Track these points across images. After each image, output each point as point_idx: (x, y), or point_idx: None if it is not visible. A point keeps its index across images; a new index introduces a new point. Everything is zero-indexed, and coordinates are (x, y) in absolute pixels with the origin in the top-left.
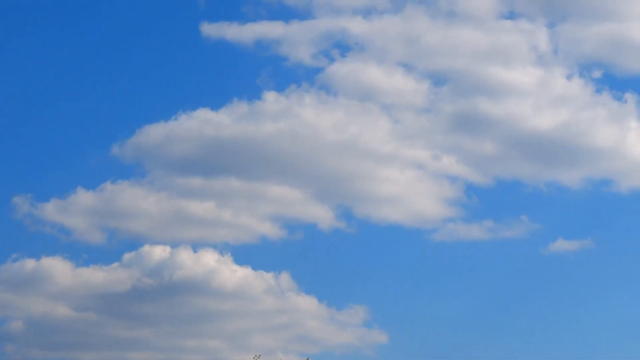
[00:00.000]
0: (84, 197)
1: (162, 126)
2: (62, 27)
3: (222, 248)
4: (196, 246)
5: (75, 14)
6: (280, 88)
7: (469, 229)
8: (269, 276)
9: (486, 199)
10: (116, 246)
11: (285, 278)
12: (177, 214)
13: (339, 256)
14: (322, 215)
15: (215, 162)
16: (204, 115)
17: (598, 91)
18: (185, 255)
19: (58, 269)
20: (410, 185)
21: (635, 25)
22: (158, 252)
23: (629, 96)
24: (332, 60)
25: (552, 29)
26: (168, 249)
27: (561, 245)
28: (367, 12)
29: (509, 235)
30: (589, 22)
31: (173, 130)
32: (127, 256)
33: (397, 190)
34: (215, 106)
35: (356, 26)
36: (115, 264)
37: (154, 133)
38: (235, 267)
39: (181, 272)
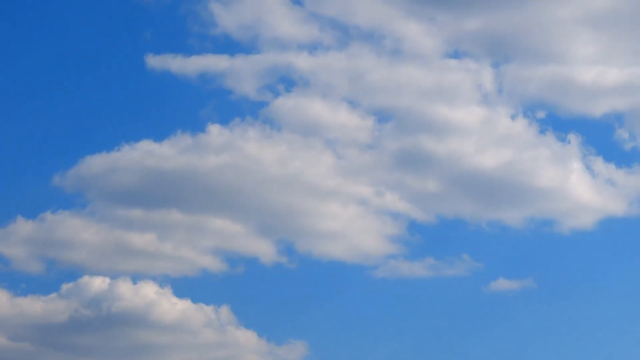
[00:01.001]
0: (23, 227)
1: (104, 157)
2: (4, 56)
3: (161, 280)
4: (136, 278)
5: (20, 43)
6: (224, 121)
7: (411, 266)
8: (209, 309)
9: (428, 237)
10: (55, 276)
11: (225, 312)
12: (117, 245)
13: (280, 291)
14: (263, 249)
15: (157, 194)
16: (147, 146)
17: (542, 131)
18: (124, 287)
19: None
20: (352, 221)
21: (579, 67)
22: (97, 283)
23: (572, 137)
24: (276, 94)
25: (497, 69)
26: (107, 280)
27: (502, 284)
28: (313, 48)
29: (451, 274)
30: (534, 63)
31: (115, 162)
32: (65, 287)
33: (340, 226)
34: (159, 138)
35: (301, 62)
36: (54, 295)
37: (96, 164)
38: (175, 300)
39: (120, 303)
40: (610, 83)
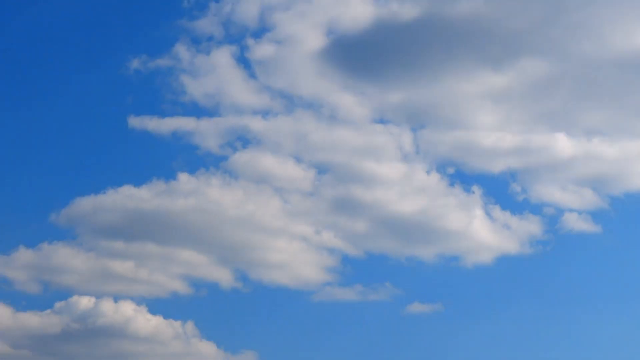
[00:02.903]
0: (24, 254)
1: (92, 198)
2: (7, 112)
3: (138, 300)
4: (117, 298)
5: (22, 100)
6: (191, 171)
7: (343, 291)
8: (177, 324)
9: (358, 268)
10: (50, 296)
11: (190, 326)
12: (101, 271)
13: (236, 310)
14: (223, 276)
15: (135, 229)
16: (128, 191)
17: (451, 184)
18: (107, 306)
19: (0, 313)
20: (296, 255)
21: (481, 133)
22: (84, 302)
23: (476, 189)
24: (235, 150)
25: (415, 133)
26: (93, 299)
27: (417, 307)
28: (265, 113)
29: (376, 298)
30: (445, 129)
31: (101, 202)
32: (58, 304)
33: (285, 258)
34: (138, 183)
35: (256, 124)
36: (49, 311)
37: (86, 204)
38: (149, 316)
39: (103, 319)
40: (507, 146)
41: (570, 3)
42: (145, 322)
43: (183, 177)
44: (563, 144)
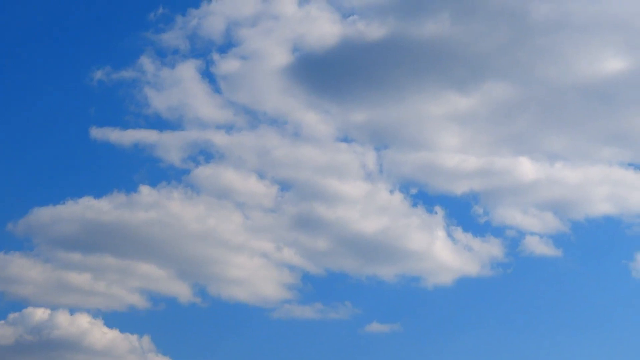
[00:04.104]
0: None
1: (51, 209)
2: None
3: (95, 313)
4: (73, 310)
5: None
6: (153, 184)
7: (303, 309)
8: (133, 338)
9: (318, 286)
10: (3, 306)
11: (146, 341)
12: (58, 282)
13: (194, 326)
14: (181, 291)
15: (94, 241)
16: (87, 202)
17: (413, 205)
18: (62, 318)
19: None
20: (256, 271)
21: (445, 155)
22: (39, 314)
23: (438, 210)
24: (197, 164)
25: (378, 153)
26: (48, 311)
27: (375, 327)
28: (229, 128)
29: (335, 317)
30: (408, 150)
31: (60, 213)
32: (12, 316)
33: (245, 274)
34: (98, 195)
35: (219, 138)
36: (2, 322)
37: (44, 214)
38: (105, 330)
39: (58, 331)
40: (469, 168)
41: (536, 27)
42: (101, 335)
43: (144, 190)
44: (526, 168)
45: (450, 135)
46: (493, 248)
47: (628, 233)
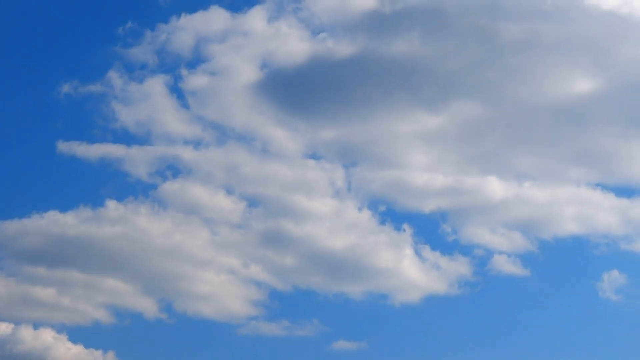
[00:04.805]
0: None
1: (16, 223)
2: None
3: (59, 328)
4: (37, 325)
5: None
6: (120, 198)
7: (270, 326)
8: (97, 354)
9: (285, 303)
10: None
11: (110, 356)
12: (22, 296)
13: (160, 341)
14: (147, 306)
15: (59, 255)
16: (53, 216)
17: (382, 222)
18: (26, 332)
19: None
20: (223, 287)
21: (413, 173)
22: (2, 328)
23: (406, 228)
24: (165, 179)
25: (347, 170)
26: (12, 326)
27: (342, 344)
28: (197, 144)
29: (302, 334)
30: (377, 168)
31: (25, 227)
32: None
33: (212, 290)
34: (64, 209)
35: (187, 154)
36: None
37: (9, 228)
38: (70, 345)
39: (21, 346)
40: (438, 187)
41: (506, 47)
42: (66, 350)
43: (111, 205)
44: (494, 187)
45: (419, 153)
46: (461, 267)
47: (595, 253)
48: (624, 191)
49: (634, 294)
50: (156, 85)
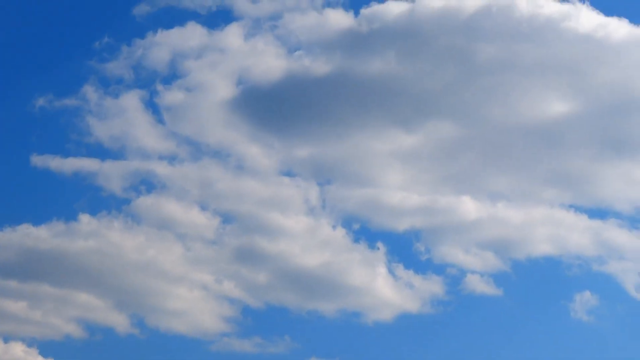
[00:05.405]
0: None
1: None
2: None
3: (30, 342)
4: (7, 338)
5: None
6: (93, 213)
7: (242, 343)
8: None
9: (257, 320)
10: None
11: None
12: None
13: (131, 357)
14: (119, 321)
15: (31, 269)
16: (25, 229)
17: (356, 240)
18: None
19: None
20: (195, 303)
21: (387, 192)
22: None
23: (380, 246)
24: (139, 194)
25: (321, 188)
26: None
27: None
28: (171, 159)
29: (274, 351)
30: (351, 186)
31: None
32: None
33: (185, 306)
34: (37, 223)
35: (161, 169)
36: None
37: None
38: (40, 359)
39: None
40: (412, 206)
41: (481, 68)
42: None
43: (84, 219)
44: (468, 207)
45: (394, 172)
46: (434, 285)
47: (568, 274)
48: (597, 213)
49: (606, 315)
50: (131, 100)
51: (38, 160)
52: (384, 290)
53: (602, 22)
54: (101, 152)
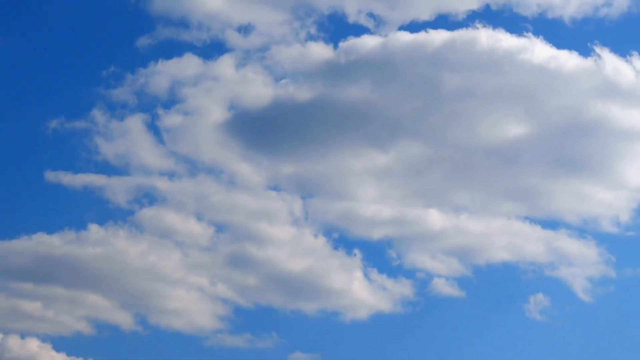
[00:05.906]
0: None
1: (6, 243)
2: None
3: (44, 338)
4: (23, 335)
5: None
6: (101, 223)
7: (233, 339)
8: None
9: (247, 318)
10: None
11: None
12: (10, 309)
13: (135, 351)
14: (124, 320)
15: (45, 273)
16: (40, 238)
17: (335, 248)
18: (13, 342)
19: None
20: (192, 304)
21: (363, 205)
22: None
23: (357, 253)
24: (142, 206)
25: (304, 201)
26: (0, 335)
27: (298, 356)
28: (171, 175)
29: (262, 346)
30: (331, 200)
31: (15, 247)
32: None
33: (182, 306)
34: (50, 232)
35: (161, 184)
36: None
37: (0, 248)
38: (54, 353)
39: (9, 354)
40: (385, 217)
41: (447, 95)
42: (50, 358)
43: (93, 228)
44: (434, 218)
45: (369, 187)
46: (404, 288)
47: (523, 278)
48: (549, 224)
49: (556, 315)
50: (135, 122)
51: (51, 176)
52: (360, 292)
53: (555, 54)
54: (108, 168)
